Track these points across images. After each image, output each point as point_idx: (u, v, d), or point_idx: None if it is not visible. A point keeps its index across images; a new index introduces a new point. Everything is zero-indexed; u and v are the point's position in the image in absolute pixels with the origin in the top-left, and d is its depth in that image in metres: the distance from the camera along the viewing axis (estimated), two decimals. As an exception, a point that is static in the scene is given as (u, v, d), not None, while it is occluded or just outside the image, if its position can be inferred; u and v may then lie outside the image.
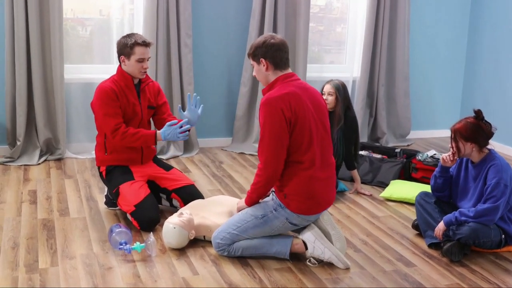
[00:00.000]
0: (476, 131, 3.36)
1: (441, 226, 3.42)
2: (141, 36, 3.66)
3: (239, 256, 3.27)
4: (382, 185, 4.70)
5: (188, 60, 5.28)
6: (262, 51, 3.12)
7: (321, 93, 4.26)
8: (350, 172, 4.56)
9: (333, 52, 6.19)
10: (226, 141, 5.77)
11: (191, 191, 3.83)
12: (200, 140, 5.63)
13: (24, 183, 4.40)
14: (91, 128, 5.00)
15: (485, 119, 3.41)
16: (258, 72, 3.19)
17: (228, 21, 5.53)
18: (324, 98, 4.18)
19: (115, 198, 3.72)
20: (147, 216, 3.56)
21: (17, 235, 3.46)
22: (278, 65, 3.13)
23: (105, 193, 3.97)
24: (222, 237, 3.26)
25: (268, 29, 5.36)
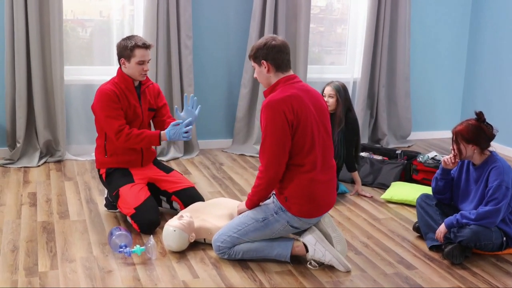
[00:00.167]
0: (478, 133, 3.35)
1: (442, 229, 3.41)
2: (141, 38, 3.65)
3: (240, 259, 3.26)
4: (383, 187, 4.69)
5: (188, 62, 5.27)
6: (264, 53, 3.11)
7: (322, 95, 4.24)
8: (351, 174, 4.54)
9: (334, 53, 6.18)
10: (227, 143, 5.76)
11: (191, 194, 3.82)
12: (200, 142, 5.62)
13: (24, 185, 4.39)
14: (91, 130, 4.98)
15: (487, 121, 3.40)
16: (260, 74, 3.18)
17: (229, 23, 5.52)
18: (325, 100, 4.16)
19: (115, 201, 3.71)
20: (147, 219, 3.55)
21: (17, 238, 3.45)
22: (280, 67, 3.12)
23: (105, 196, 3.95)
24: (223, 240, 3.25)
25: (269, 31, 5.35)
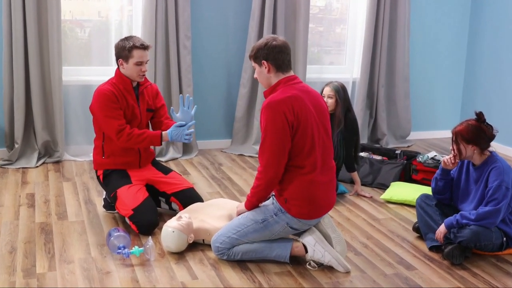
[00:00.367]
0: (478, 134, 3.34)
1: (442, 229, 3.40)
2: (139, 39, 3.64)
3: (239, 260, 3.25)
4: (383, 187, 4.67)
5: (187, 62, 5.25)
6: (264, 53, 3.09)
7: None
8: (350, 174, 4.53)
9: (333, 53, 6.17)
10: (226, 143, 5.74)
11: (190, 195, 3.80)
12: (199, 142, 5.60)
13: (22, 186, 4.37)
14: (90, 131, 4.95)
15: (487, 121, 3.39)
16: (260, 74, 3.16)
17: (228, 23, 5.50)
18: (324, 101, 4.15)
19: (113, 202, 3.69)
20: (146, 220, 3.53)
21: (15, 239, 3.44)
22: (280, 67, 3.11)
23: (104, 196, 3.94)
24: (222, 241, 3.23)
25: (268, 31, 5.34)
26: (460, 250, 3.33)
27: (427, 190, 4.08)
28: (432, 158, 4.80)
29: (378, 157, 4.98)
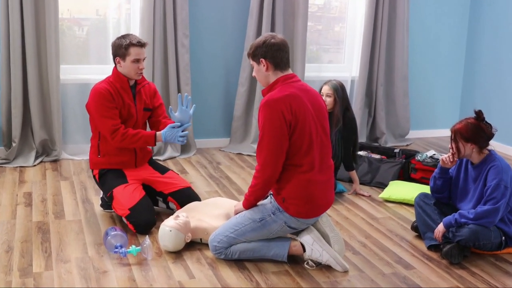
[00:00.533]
0: (477, 132, 3.32)
1: (441, 228, 3.38)
2: (136, 37, 3.63)
3: (236, 259, 3.24)
4: (381, 186, 4.66)
5: (185, 61, 5.24)
6: (262, 51, 3.08)
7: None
8: (349, 173, 4.52)
9: (332, 52, 6.15)
10: (224, 142, 5.73)
11: (188, 194, 3.79)
12: (198, 141, 5.59)
13: (20, 185, 4.36)
14: (88, 129, 4.95)
15: (486, 120, 3.37)
16: (258, 73, 3.15)
17: (226, 21, 5.48)
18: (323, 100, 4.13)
19: (110, 202, 3.68)
20: (143, 219, 3.52)
21: (12, 239, 3.42)
22: (279, 65, 3.09)
23: (101, 195, 3.92)
24: (219, 240, 3.22)
25: (266, 29, 5.32)
26: (459, 249, 3.31)
27: (426, 189, 4.07)
28: (431, 157, 4.78)
29: (377, 156, 4.96)
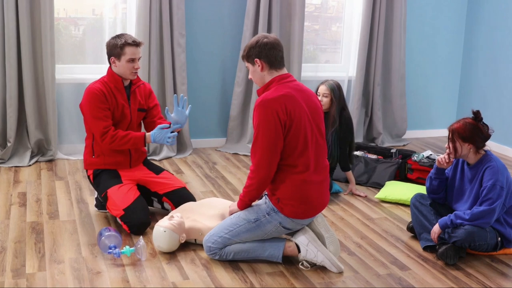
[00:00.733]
0: (474, 132, 3.31)
1: (437, 229, 3.37)
2: (131, 36, 3.61)
3: (231, 260, 3.22)
4: (377, 186, 4.64)
5: (182, 60, 5.22)
6: (256, 51, 3.07)
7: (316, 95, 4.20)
8: (345, 173, 4.50)
9: (329, 51, 6.14)
10: (220, 142, 5.71)
11: (182, 194, 3.77)
12: (194, 141, 5.57)
13: (14, 185, 4.34)
14: (83, 129, 4.95)
15: (483, 121, 3.36)
16: (254, 74, 3.13)
17: (222, 21, 5.47)
18: (319, 100, 4.12)
19: (105, 202, 3.66)
20: (137, 220, 3.50)
21: (5, 239, 3.40)
22: (273, 64, 3.08)
23: (95, 196, 3.90)
24: (214, 241, 3.20)
25: (263, 29, 5.31)
26: (455, 250, 3.30)
27: (422, 189, 4.06)
28: (428, 157, 4.77)
29: (373, 156, 4.95)
